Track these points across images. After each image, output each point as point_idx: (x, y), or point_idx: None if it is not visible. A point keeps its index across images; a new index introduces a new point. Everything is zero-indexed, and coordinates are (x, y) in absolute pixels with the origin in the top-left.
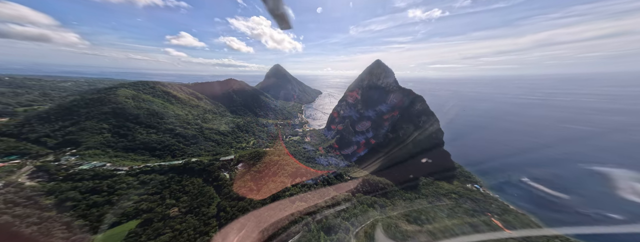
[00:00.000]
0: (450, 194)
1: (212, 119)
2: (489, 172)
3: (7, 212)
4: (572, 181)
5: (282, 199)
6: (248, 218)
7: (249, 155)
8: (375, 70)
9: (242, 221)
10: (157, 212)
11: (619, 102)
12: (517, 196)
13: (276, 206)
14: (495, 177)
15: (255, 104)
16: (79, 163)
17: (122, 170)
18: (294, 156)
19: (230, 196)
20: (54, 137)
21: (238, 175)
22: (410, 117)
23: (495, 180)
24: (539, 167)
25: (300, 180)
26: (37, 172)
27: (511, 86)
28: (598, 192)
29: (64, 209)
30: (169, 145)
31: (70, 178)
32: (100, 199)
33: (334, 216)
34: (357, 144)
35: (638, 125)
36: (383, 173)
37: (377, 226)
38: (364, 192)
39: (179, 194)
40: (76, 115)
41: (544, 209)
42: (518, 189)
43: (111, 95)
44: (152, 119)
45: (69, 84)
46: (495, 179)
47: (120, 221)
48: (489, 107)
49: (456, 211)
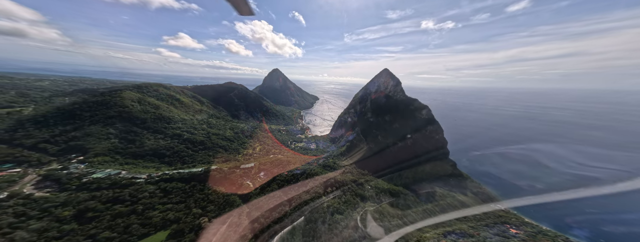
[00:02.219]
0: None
1: (216, 124)
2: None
3: (21, 227)
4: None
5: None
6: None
7: (271, 163)
8: (384, 78)
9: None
10: (186, 222)
11: (586, 117)
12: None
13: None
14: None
15: (256, 109)
16: (91, 171)
17: (140, 178)
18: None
19: (261, 206)
20: (56, 143)
21: (264, 184)
22: (416, 125)
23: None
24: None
25: (330, 190)
26: (43, 181)
27: (490, 98)
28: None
29: (85, 221)
30: (178, 151)
31: (86, 187)
32: (124, 209)
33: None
34: (369, 152)
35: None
36: (395, 181)
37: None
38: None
39: (203, 203)
40: (79, 119)
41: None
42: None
43: (116, 98)
44: (159, 124)
45: (46, 83)
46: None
47: (149, 232)
48: (477, 118)
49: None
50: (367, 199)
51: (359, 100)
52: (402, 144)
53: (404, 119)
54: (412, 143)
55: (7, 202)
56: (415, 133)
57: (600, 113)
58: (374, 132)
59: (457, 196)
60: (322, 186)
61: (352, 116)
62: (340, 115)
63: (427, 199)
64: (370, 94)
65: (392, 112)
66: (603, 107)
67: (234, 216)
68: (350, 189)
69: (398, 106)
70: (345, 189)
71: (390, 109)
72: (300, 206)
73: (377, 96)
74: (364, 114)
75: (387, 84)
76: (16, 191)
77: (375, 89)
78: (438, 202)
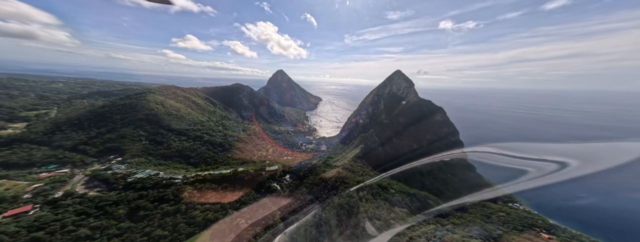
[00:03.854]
0: (497, 212)
1: (230, 126)
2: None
3: (83, 225)
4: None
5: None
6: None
7: (295, 166)
8: (396, 80)
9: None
10: (226, 222)
11: (599, 120)
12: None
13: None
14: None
15: (265, 111)
16: (133, 172)
17: (177, 178)
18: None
19: (294, 209)
20: (94, 145)
21: (292, 187)
22: (432, 128)
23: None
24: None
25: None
26: (91, 181)
27: (494, 99)
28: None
29: (138, 219)
30: (201, 153)
31: (132, 187)
32: (171, 208)
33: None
34: (385, 155)
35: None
36: (415, 184)
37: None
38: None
39: (236, 204)
40: (111, 122)
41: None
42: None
43: (142, 101)
44: (182, 126)
45: (60, 85)
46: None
47: (194, 231)
48: (484, 119)
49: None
50: (395, 204)
51: (371, 102)
52: (417, 147)
53: (419, 121)
54: (427, 144)
55: (65, 201)
56: (430, 135)
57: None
58: (389, 134)
59: (489, 204)
60: (349, 189)
61: (364, 118)
62: (352, 117)
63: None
64: (383, 96)
65: (406, 114)
66: (613, 109)
67: (268, 219)
68: (378, 192)
69: (412, 108)
70: (374, 193)
71: (404, 111)
72: (332, 209)
73: (391, 98)
74: (377, 116)
75: (399, 85)
76: (70, 191)
77: (387, 91)
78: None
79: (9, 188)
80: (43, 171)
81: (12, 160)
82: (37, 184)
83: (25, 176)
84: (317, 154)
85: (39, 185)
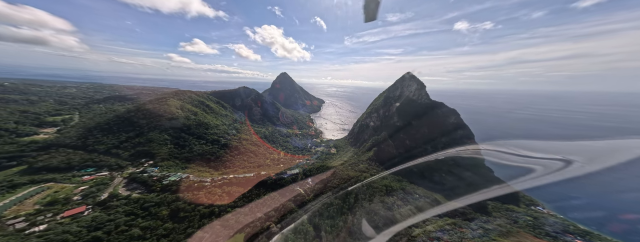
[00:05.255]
0: (524, 217)
1: (242, 129)
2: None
3: (134, 225)
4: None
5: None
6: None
7: (317, 169)
8: (407, 82)
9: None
10: (257, 225)
11: (608, 121)
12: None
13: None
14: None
15: (272, 114)
16: (166, 174)
17: (206, 181)
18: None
19: (322, 214)
20: (125, 149)
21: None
22: (446, 131)
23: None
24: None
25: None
26: (130, 183)
27: (497, 100)
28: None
29: (179, 220)
30: (220, 156)
31: (168, 189)
32: (206, 210)
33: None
34: (399, 157)
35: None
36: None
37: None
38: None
39: (263, 208)
40: (138, 126)
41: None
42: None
43: (164, 105)
44: (200, 130)
45: (73, 90)
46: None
47: (229, 233)
48: (496, 121)
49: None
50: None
51: (381, 105)
52: (433, 150)
53: (432, 123)
54: (443, 147)
55: (112, 202)
56: (445, 138)
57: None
58: (402, 136)
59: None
60: (374, 192)
61: (374, 120)
62: (360, 119)
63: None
64: (394, 98)
65: (418, 117)
66: (618, 110)
67: (297, 223)
68: (403, 197)
69: (425, 110)
70: (400, 197)
71: (417, 113)
72: (364, 214)
73: (403, 100)
74: (389, 119)
75: (411, 87)
76: (113, 193)
77: (399, 93)
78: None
79: (58, 190)
80: (84, 174)
81: (52, 164)
82: (83, 186)
83: (70, 179)
84: (328, 156)
85: (85, 187)
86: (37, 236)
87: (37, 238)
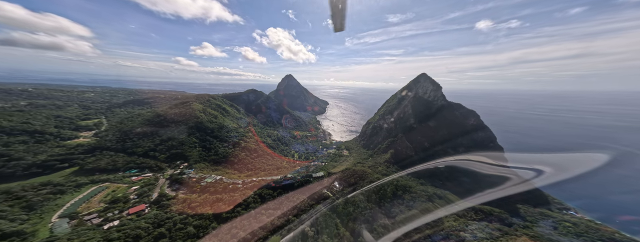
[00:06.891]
0: (563, 222)
1: (258, 132)
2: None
3: (188, 223)
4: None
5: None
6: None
7: (341, 172)
8: (422, 83)
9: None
10: (291, 229)
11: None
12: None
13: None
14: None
15: (280, 117)
16: (202, 176)
17: (239, 183)
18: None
19: (355, 217)
20: (161, 151)
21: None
22: (466, 133)
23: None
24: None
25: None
26: (173, 184)
27: (504, 101)
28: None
29: (222, 221)
30: (242, 158)
31: (207, 190)
32: (245, 212)
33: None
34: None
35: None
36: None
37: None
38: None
39: (295, 211)
40: (168, 130)
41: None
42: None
43: (189, 109)
44: (222, 132)
45: (92, 95)
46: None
47: (267, 235)
48: (517, 123)
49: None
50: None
51: (395, 106)
52: (454, 153)
53: (450, 125)
54: (464, 150)
55: (166, 202)
56: (466, 141)
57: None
58: (420, 138)
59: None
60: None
61: (388, 122)
62: (374, 121)
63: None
64: (409, 100)
65: (436, 118)
66: (632, 110)
67: (332, 227)
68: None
69: (442, 112)
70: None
71: (434, 114)
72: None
73: (417, 102)
74: (405, 120)
75: (426, 88)
76: (162, 192)
77: (413, 94)
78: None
79: (115, 190)
80: (131, 175)
81: (100, 165)
82: (135, 186)
83: (122, 179)
84: (342, 158)
85: (136, 187)
86: (116, 231)
87: (116, 232)
